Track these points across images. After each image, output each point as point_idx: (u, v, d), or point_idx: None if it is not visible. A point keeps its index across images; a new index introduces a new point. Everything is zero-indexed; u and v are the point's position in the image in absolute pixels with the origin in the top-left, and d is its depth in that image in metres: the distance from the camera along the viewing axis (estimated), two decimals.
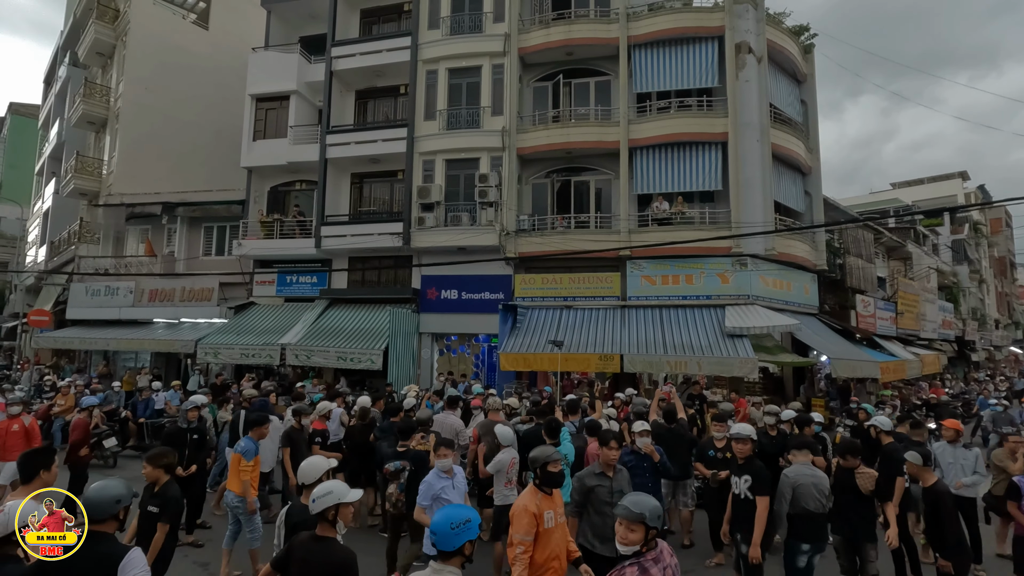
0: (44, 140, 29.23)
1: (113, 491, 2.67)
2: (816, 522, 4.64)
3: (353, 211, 17.24)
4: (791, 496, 4.67)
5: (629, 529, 2.66)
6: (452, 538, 2.50)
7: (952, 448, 6.43)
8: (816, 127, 16.58)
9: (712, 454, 6.32)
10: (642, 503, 2.70)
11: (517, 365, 13.18)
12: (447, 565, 2.52)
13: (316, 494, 2.94)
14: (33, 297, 24.25)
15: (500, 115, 15.25)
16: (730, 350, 11.97)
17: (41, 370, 17.97)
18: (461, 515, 2.57)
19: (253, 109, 17.80)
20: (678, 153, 14.31)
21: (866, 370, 14.05)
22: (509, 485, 5.57)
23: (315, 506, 2.91)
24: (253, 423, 6.10)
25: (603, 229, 14.56)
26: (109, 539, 2.65)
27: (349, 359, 13.94)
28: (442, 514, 2.59)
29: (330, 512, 2.92)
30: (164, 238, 19.44)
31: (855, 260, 17.61)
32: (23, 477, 3.44)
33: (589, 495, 4.34)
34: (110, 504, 2.64)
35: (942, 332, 24.00)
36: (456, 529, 2.51)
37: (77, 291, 19.17)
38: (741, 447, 4.97)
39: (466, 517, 2.56)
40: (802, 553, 4.63)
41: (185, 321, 17.65)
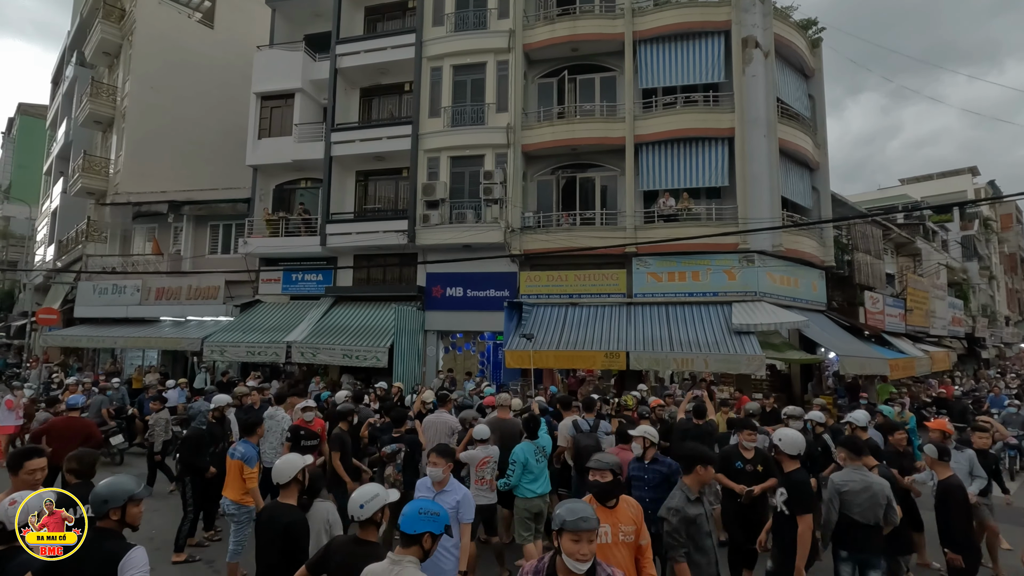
0: (52, 140, 29.42)
1: (106, 491, 2.65)
2: (863, 532, 4.23)
3: (358, 209, 17.23)
4: (839, 504, 4.29)
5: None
6: (416, 523, 2.53)
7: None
8: (824, 122, 16.41)
9: (740, 466, 5.40)
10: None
11: (523, 362, 13.12)
12: (406, 554, 2.53)
13: (363, 499, 2.88)
14: (42, 296, 24.43)
15: (505, 112, 15.19)
16: (737, 347, 11.87)
17: (50, 368, 18.09)
18: (432, 507, 2.63)
19: (258, 107, 17.82)
20: (684, 149, 14.21)
21: (875, 367, 13.91)
22: (481, 483, 5.53)
23: (364, 511, 2.86)
24: (250, 426, 5.73)
25: (609, 226, 14.48)
26: (113, 536, 2.64)
27: (355, 356, 13.94)
28: (414, 504, 2.64)
29: (377, 515, 2.91)
30: (170, 237, 19.52)
31: (863, 256, 17.45)
32: (13, 471, 3.46)
33: (691, 528, 3.56)
34: (98, 505, 2.62)
35: (952, 329, 23.76)
36: (423, 515, 2.54)
37: (85, 290, 19.29)
38: (788, 462, 4.35)
39: (436, 510, 2.61)
40: (842, 561, 4.29)
41: (191, 319, 17.72)
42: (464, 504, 3.89)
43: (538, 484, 5.60)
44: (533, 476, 5.59)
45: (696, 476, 3.69)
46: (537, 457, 5.62)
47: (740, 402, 10.37)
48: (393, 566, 2.48)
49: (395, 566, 2.48)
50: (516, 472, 5.51)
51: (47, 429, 6.61)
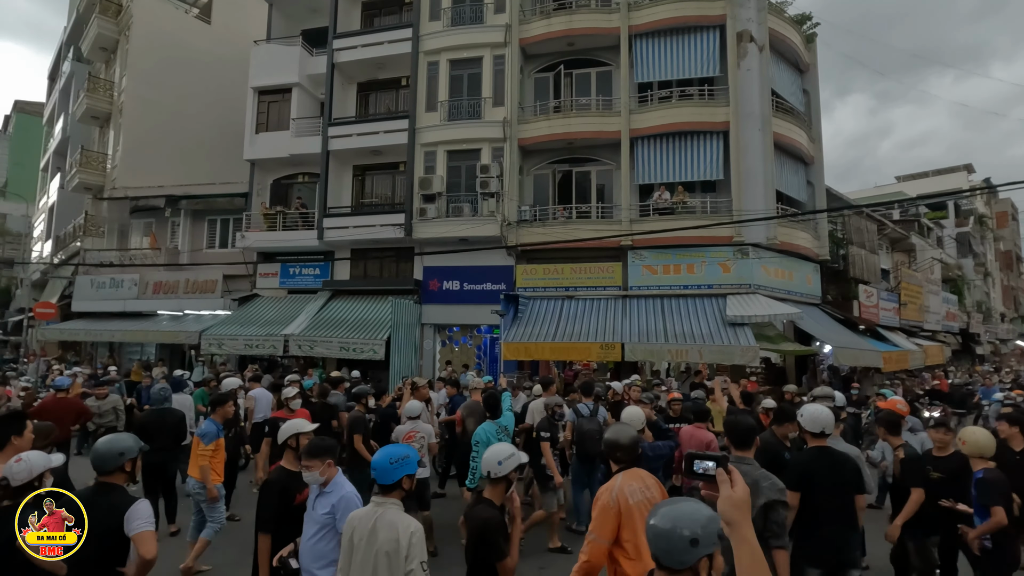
0: (49, 136, 29.40)
1: (118, 445, 2.79)
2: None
3: (355, 203, 17.29)
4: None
5: None
6: (391, 472, 2.61)
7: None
8: (819, 117, 16.52)
9: (788, 456, 4.77)
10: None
11: (519, 354, 13.22)
12: (388, 498, 2.62)
13: (500, 456, 2.93)
14: (39, 292, 24.44)
15: (501, 106, 15.26)
16: (731, 338, 11.98)
17: (48, 362, 18.12)
18: (400, 452, 2.70)
19: (255, 102, 17.87)
20: (679, 143, 14.29)
21: (869, 359, 14.05)
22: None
23: (502, 468, 2.91)
24: (215, 403, 5.72)
25: (605, 219, 14.57)
26: (118, 490, 2.77)
27: (352, 349, 14.01)
28: (383, 452, 2.71)
29: (512, 474, 2.98)
30: (168, 231, 19.56)
31: (858, 250, 17.57)
32: None
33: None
34: (114, 457, 2.76)
35: (946, 324, 23.92)
36: (395, 464, 2.63)
37: (82, 284, 19.31)
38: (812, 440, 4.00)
39: (404, 453, 2.70)
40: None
41: (189, 313, 17.76)
42: (341, 508, 3.11)
43: None
44: None
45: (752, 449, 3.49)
46: (499, 436, 5.75)
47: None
48: (377, 508, 2.57)
49: (379, 508, 2.56)
50: (479, 452, 5.67)
51: (39, 410, 6.76)
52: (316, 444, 3.25)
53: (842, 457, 3.93)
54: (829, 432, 3.95)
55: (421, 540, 2.50)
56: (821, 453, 3.87)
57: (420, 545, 2.48)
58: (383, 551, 2.46)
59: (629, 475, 3.06)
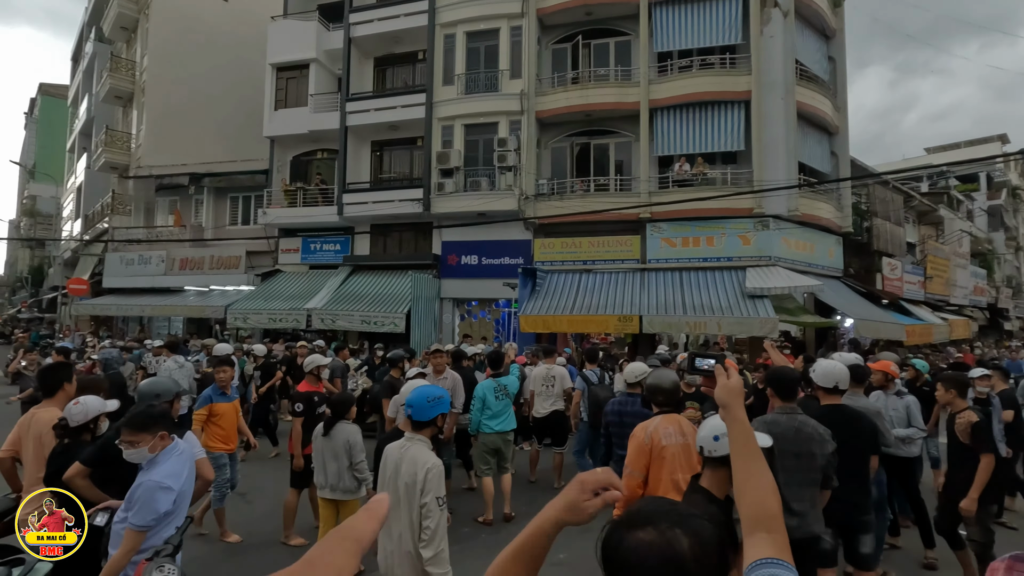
0: (74, 117, 29.95)
1: (156, 388, 2.99)
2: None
3: (374, 178, 17.43)
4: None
5: None
6: (427, 410, 2.75)
7: (884, 396, 5.33)
8: (845, 85, 16.07)
9: None
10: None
11: (537, 327, 13.34)
12: (419, 434, 2.77)
13: (717, 430, 2.32)
14: (70, 270, 25.20)
15: (519, 78, 15.14)
16: (750, 310, 11.93)
17: (83, 336, 18.80)
18: (435, 391, 2.85)
19: (274, 79, 17.98)
20: (700, 113, 14.06)
21: (891, 332, 13.89)
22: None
23: (719, 445, 2.30)
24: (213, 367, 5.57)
25: (623, 192, 14.48)
26: None
27: (373, 323, 14.28)
28: (419, 391, 2.85)
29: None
30: (192, 208, 19.96)
31: (883, 223, 17.21)
32: (45, 391, 3.56)
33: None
34: (151, 398, 2.94)
35: (973, 299, 23.41)
36: (431, 402, 2.77)
37: (112, 261, 19.89)
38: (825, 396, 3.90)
39: (439, 394, 2.83)
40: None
41: (215, 288, 18.23)
42: (136, 500, 2.52)
43: (497, 422, 5.90)
44: (492, 413, 5.91)
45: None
46: (497, 395, 5.94)
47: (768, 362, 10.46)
48: (407, 442, 2.73)
49: (408, 443, 2.72)
50: (475, 408, 5.90)
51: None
52: (143, 414, 2.66)
53: (855, 414, 3.75)
54: (844, 388, 3.74)
55: (438, 476, 2.64)
56: (833, 411, 3.65)
57: (436, 481, 2.62)
58: (403, 482, 2.64)
59: (667, 419, 3.28)
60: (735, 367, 1.49)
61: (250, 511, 6.18)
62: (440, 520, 2.59)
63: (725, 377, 1.43)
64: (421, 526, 2.57)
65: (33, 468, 3.27)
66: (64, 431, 2.94)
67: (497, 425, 5.88)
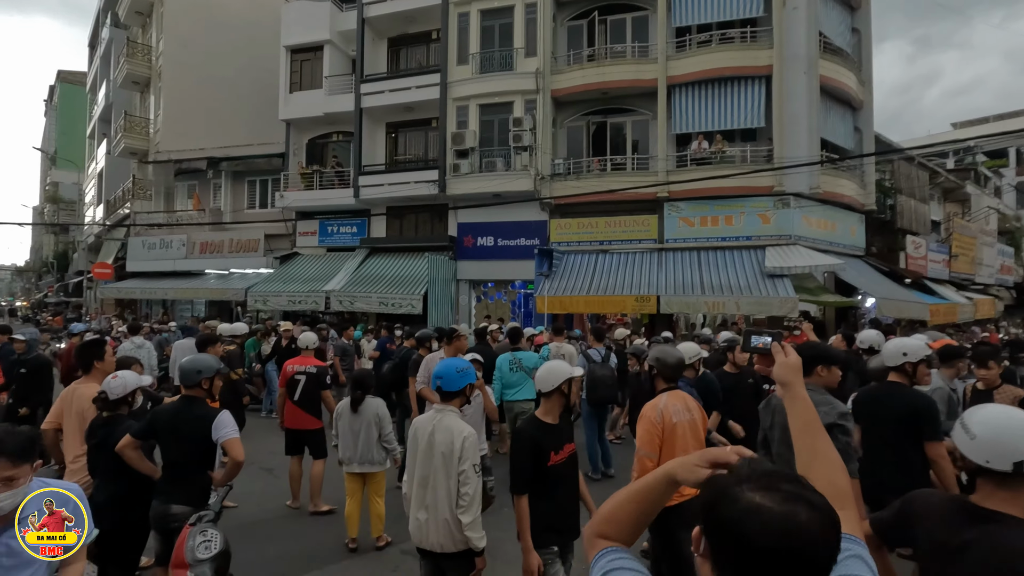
0: (93, 103, 30.29)
1: (198, 364, 3.10)
2: None
3: (389, 161, 17.44)
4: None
5: None
6: (457, 380, 2.82)
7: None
8: (870, 58, 15.61)
9: None
10: None
11: (554, 308, 13.37)
12: (448, 405, 2.83)
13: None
14: (94, 255, 25.72)
15: (534, 56, 14.94)
16: (770, 290, 11.83)
17: (109, 319, 19.26)
18: (462, 363, 2.93)
19: (288, 61, 17.98)
20: (719, 90, 13.78)
21: (914, 311, 13.66)
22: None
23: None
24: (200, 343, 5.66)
25: (640, 171, 14.32)
26: (200, 402, 3.07)
27: (390, 304, 14.43)
28: (448, 363, 2.91)
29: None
30: (211, 192, 20.18)
31: (907, 200, 16.82)
32: (83, 368, 3.73)
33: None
34: (193, 374, 3.06)
35: (1000, 278, 22.88)
36: (460, 373, 2.84)
37: (135, 245, 20.26)
38: None
39: (466, 365, 2.91)
40: None
41: (235, 271, 18.51)
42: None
43: (515, 391, 6.38)
44: (508, 383, 6.35)
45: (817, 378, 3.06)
46: (511, 367, 6.35)
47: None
48: (437, 414, 2.79)
49: (439, 414, 2.78)
50: (496, 377, 6.34)
51: (65, 352, 7.42)
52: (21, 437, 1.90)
53: (912, 396, 3.41)
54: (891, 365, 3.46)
55: (474, 444, 2.71)
56: (891, 388, 3.45)
57: (472, 448, 2.69)
58: (439, 451, 2.70)
59: (673, 395, 3.22)
60: (796, 341, 1.46)
61: (277, 485, 6.36)
62: (477, 486, 2.66)
63: (783, 355, 1.40)
64: (459, 492, 2.64)
65: (75, 441, 3.41)
66: (104, 403, 3.07)
67: (519, 395, 6.34)
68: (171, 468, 3.03)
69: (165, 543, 2.96)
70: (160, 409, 3.13)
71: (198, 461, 3.04)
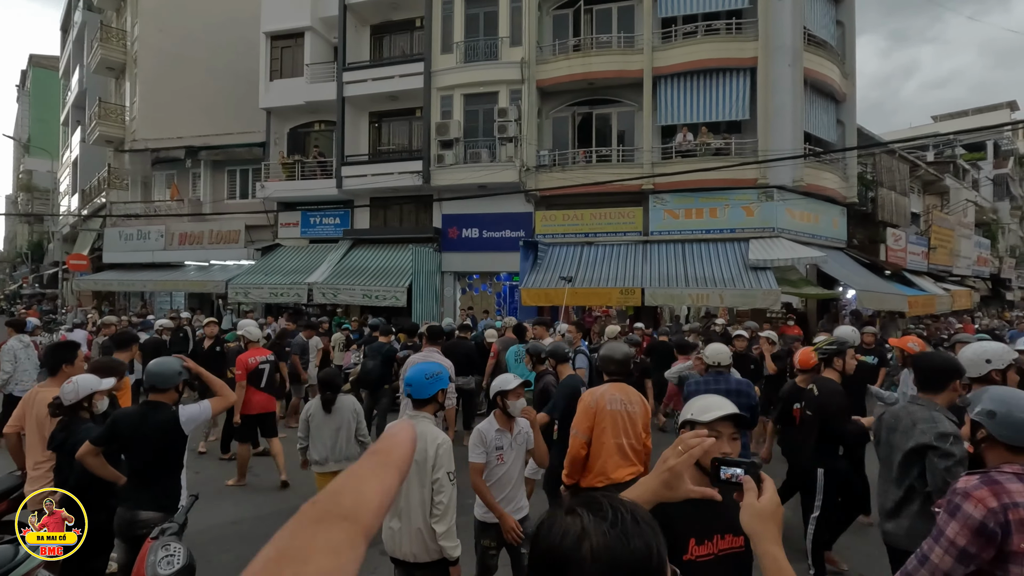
0: (66, 89, 29.42)
1: (177, 366, 2.97)
2: None
3: (372, 151, 17.18)
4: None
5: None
6: (427, 387, 2.74)
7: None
8: (854, 51, 15.68)
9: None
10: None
11: (538, 300, 13.33)
12: (421, 412, 2.76)
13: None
14: (70, 246, 25.09)
15: (519, 46, 14.76)
16: (753, 282, 11.90)
17: (86, 311, 18.84)
18: (433, 368, 2.83)
19: (268, 48, 17.56)
20: (704, 81, 13.75)
21: (893, 303, 13.87)
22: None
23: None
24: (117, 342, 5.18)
25: (626, 163, 14.28)
26: (165, 407, 2.96)
27: (374, 296, 14.26)
28: (417, 369, 2.83)
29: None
30: (190, 182, 19.75)
31: (887, 193, 17.00)
32: (50, 370, 3.70)
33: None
34: (173, 376, 2.96)
35: (976, 269, 23.32)
36: (430, 379, 2.75)
37: (111, 236, 19.79)
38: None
39: (437, 370, 2.82)
40: None
41: (215, 263, 18.18)
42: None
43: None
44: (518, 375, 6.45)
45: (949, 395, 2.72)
46: (517, 358, 6.64)
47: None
48: (410, 421, 2.70)
49: (411, 421, 2.70)
50: (509, 368, 6.64)
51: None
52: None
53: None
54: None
55: (447, 452, 2.64)
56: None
57: (446, 456, 2.62)
58: (414, 460, 2.60)
59: (615, 387, 3.47)
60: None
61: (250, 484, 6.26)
62: (452, 495, 2.60)
63: (755, 495, 1.10)
64: (433, 501, 2.57)
65: (35, 447, 3.29)
66: (59, 409, 2.96)
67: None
68: (137, 474, 2.93)
69: (131, 551, 2.87)
70: (121, 414, 3.01)
71: (166, 465, 2.95)
